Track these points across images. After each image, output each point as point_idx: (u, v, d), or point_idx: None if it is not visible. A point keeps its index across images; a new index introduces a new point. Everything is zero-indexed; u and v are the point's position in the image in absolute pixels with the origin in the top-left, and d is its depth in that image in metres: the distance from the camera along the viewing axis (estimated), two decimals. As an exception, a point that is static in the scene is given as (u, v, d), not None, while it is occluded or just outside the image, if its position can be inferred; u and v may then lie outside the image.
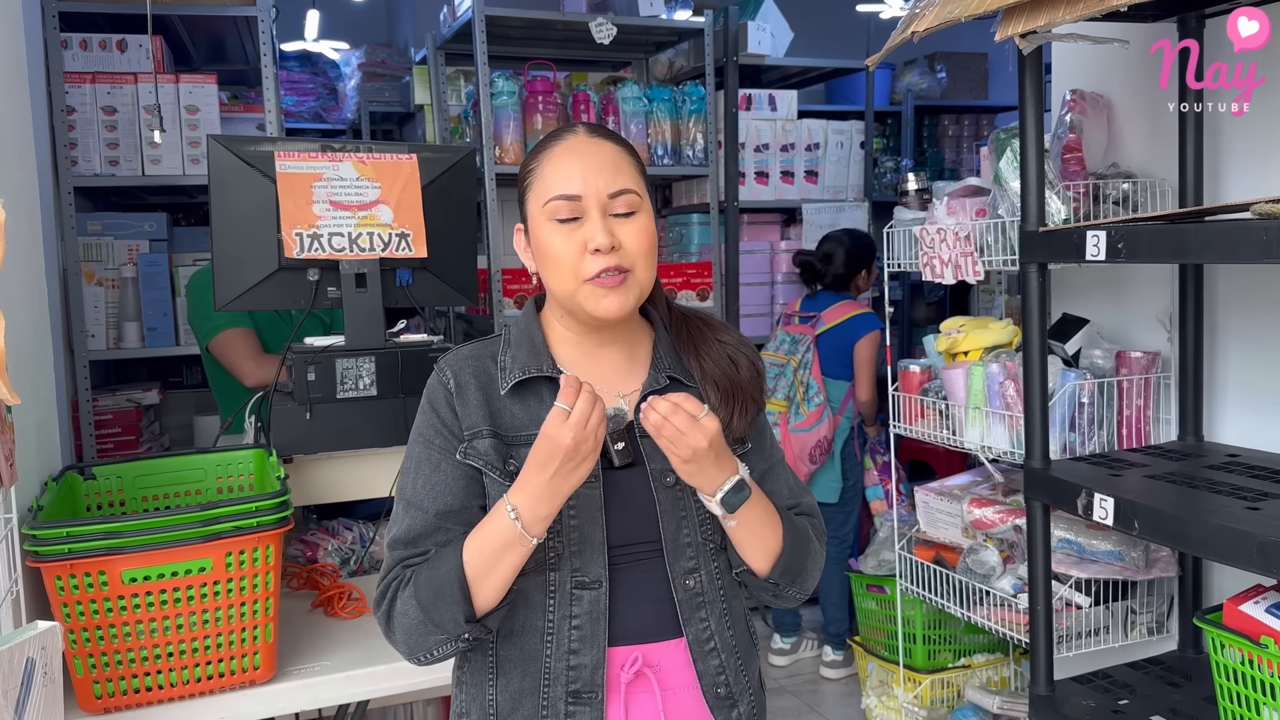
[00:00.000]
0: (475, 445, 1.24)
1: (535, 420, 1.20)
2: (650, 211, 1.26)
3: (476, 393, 1.26)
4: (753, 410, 1.32)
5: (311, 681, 1.63)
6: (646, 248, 1.23)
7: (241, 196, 2.01)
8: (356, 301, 2.06)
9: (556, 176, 1.23)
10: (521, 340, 1.29)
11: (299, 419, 2.00)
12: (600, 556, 1.22)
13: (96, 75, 3.03)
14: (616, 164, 1.24)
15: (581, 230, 1.21)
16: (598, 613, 1.22)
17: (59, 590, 1.44)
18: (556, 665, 1.22)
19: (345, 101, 5.96)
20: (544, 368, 1.27)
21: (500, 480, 1.22)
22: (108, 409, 3.14)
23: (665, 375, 1.30)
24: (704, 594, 1.27)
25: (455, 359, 1.30)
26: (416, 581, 1.20)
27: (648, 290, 1.26)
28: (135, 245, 3.19)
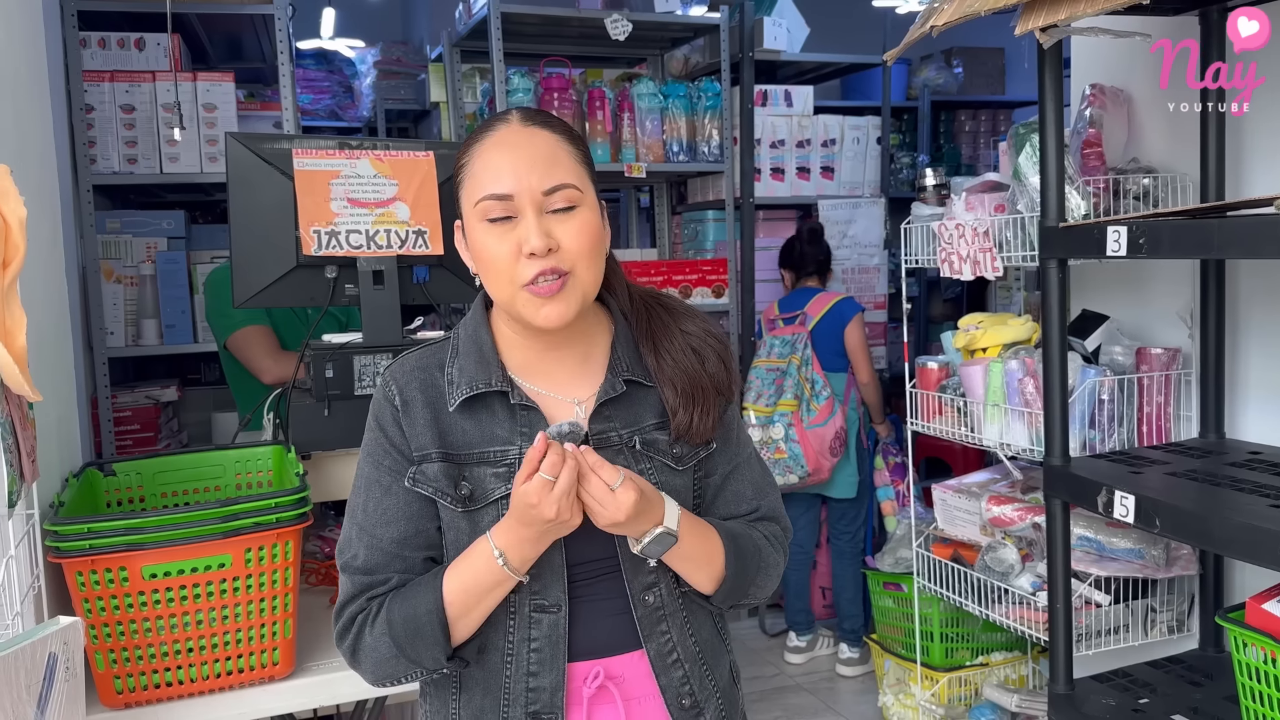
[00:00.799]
0: (424, 470, 1.18)
1: (487, 436, 1.18)
2: (594, 205, 1.17)
3: (424, 410, 1.19)
4: (718, 408, 1.24)
5: (330, 677, 1.64)
6: (588, 246, 1.14)
7: (260, 194, 2.01)
8: (374, 299, 2.06)
9: (486, 173, 1.14)
10: (470, 348, 1.22)
11: (317, 416, 2.00)
12: (560, 580, 1.18)
13: (115, 74, 3.04)
14: (553, 156, 1.14)
15: (516, 231, 1.12)
16: (556, 636, 1.19)
17: (80, 586, 1.45)
18: (516, 686, 1.19)
19: (361, 99, 5.97)
20: (493, 381, 1.19)
21: (453, 506, 1.17)
22: (126, 406, 3.16)
23: (623, 379, 1.21)
24: (664, 607, 1.23)
25: (401, 371, 1.23)
26: (389, 619, 1.16)
27: (593, 291, 1.17)
28: (153, 243, 3.21)
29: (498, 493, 1.17)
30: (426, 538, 1.20)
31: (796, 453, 3.54)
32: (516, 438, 1.18)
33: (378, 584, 1.19)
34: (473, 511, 1.17)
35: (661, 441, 1.22)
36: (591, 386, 1.22)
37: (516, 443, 1.18)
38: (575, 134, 1.21)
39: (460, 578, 1.15)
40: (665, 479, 1.21)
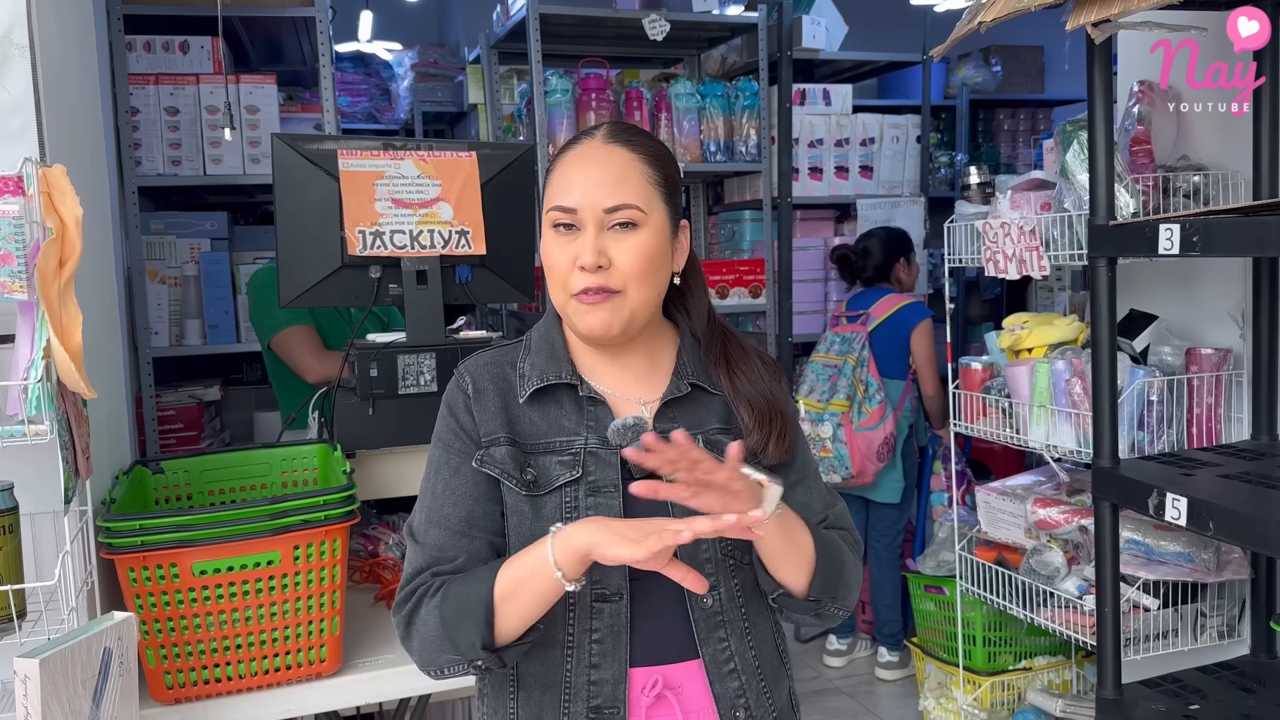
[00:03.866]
0: (492, 453, 1.21)
1: (554, 427, 1.21)
2: (658, 227, 1.20)
3: (495, 399, 1.23)
4: (789, 434, 1.26)
5: (376, 675, 1.65)
6: (640, 267, 1.17)
7: (305, 195, 2.03)
8: (417, 298, 2.07)
9: (559, 184, 1.20)
10: (542, 346, 1.26)
11: (362, 414, 2.02)
12: (620, 568, 1.17)
13: (159, 77, 3.08)
14: (622, 175, 1.18)
15: (576, 243, 1.17)
16: (619, 626, 1.19)
17: (131, 582, 1.46)
18: (577, 680, 1.19)
19: (398, 102, 6.01)
20: (563, 374, 1.23)
21: (516, 489, 1.20)
22: (170, 405, 3.20)
23: (688, 383, 1.25)
24: (723, 612, 1.22)
25: (474, 364, 1.28)
26: (445, 593, 1.17)
27: (644, 311, 1.20)
28: (197, 244, 3.24)
29: (561, 479, 1.20)
30: (491, 520, 1.22)
31: (843, 454, 3.51)
32: (583, 429, 1.21)
33: (444, 560, 1.21)
34: (536, 497, 1.20)
35: (724, 444, 1.17)
36: (656, 390, 1.25)
37: (582, 434, 1.21)
38: (660, 154, 1.23)
39: (514, 568, 1.15)
40: None
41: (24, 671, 1.11)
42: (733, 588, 1.23)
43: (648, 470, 1.15)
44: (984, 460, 3.99)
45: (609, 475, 1.19)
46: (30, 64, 1.40)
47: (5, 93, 1.40)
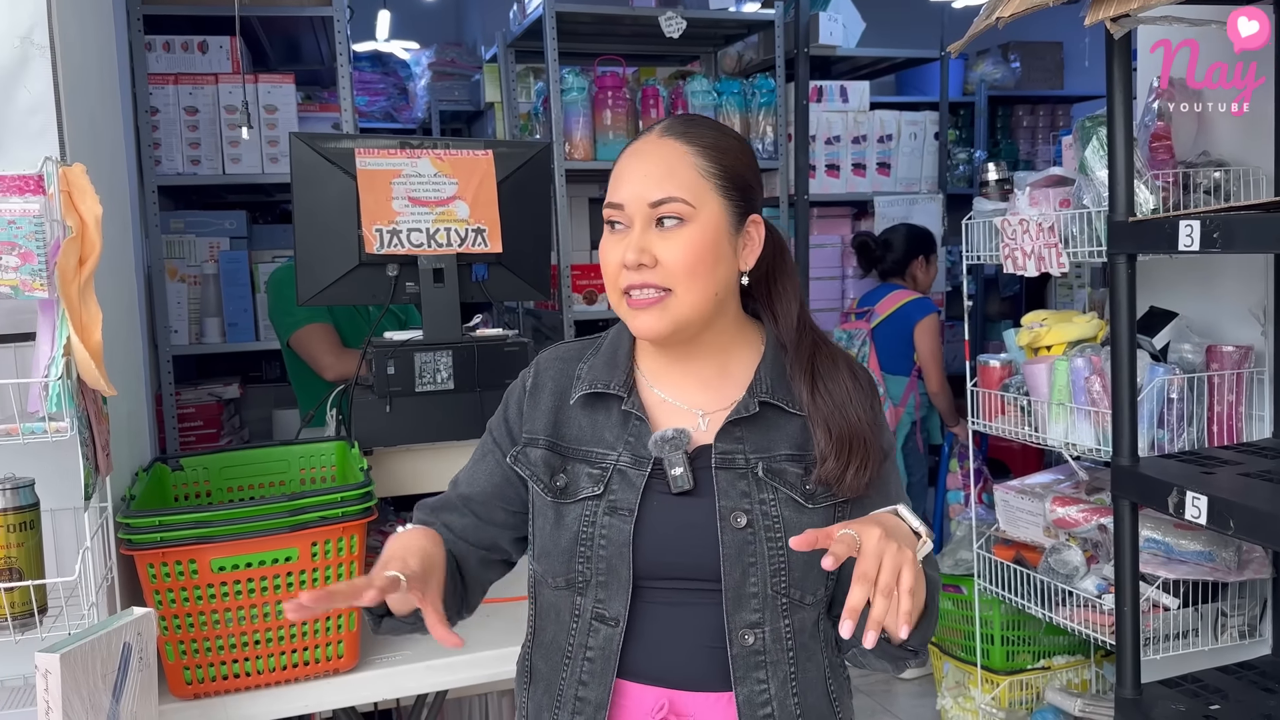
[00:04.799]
0: (528, 453, 1.21)
1: (596, 436, 1.19)
2: (710, 223, 1.13)
3: (550, 398, 1.22)
4: (875, 465, 1.16)
5: (393, 671, 1.65)
6: (688, 264, 1.11)
7: (323, 193, 2.04)
8: (434, 296, 2.08)
9: (613, 181, 1.17)
10: (608, 349, 1.24)
11: (379, 412, 2.02)
12: (623, 594, 1.14)
13: (179, 76, 3.10)
14: (670, 169, 1.12)
15: (624, 240, 1.13)
16: (610, 651, 1.16)
17: (151, 578, 1.47)
18: (568, 690, 1.18)
19: (416, 101, 6.03)
20: (612, 385, 1.20)
21: (544, 494, 1.19)
22: (190, 403, 3.22)
23: (759, 400, 1.17)
24: (765, 652, 1.14)
25: (547, 357, 1.27)
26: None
27: (696, 311, 1.14)
28: (216, 243, 3.26)
29: (586, 492, 1.17)
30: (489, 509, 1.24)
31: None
32: (620, 445, 1.18)
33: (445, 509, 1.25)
34: (561, 504, 1.18)
35: (791, 474, 1.16)
36: (723, 401, 1.19)
37: (618, 449, 1.18)
38: (721, 146, 1.16)
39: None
40: (789, 515, 1.14)
41: (45, 666, 1.12)
42: (782, 628, 1.15)
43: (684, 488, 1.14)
44: (1002, 458, 3.97)
45: (629, 499, 1.15)
46: (51, 64, 1.42)
47: (26, 92, 1.41)
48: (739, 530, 1.13)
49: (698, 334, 1.17)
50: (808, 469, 1.16)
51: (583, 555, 1.16)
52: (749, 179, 1.17)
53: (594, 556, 1.15)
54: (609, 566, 1.15)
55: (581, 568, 1.16)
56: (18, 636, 1.27)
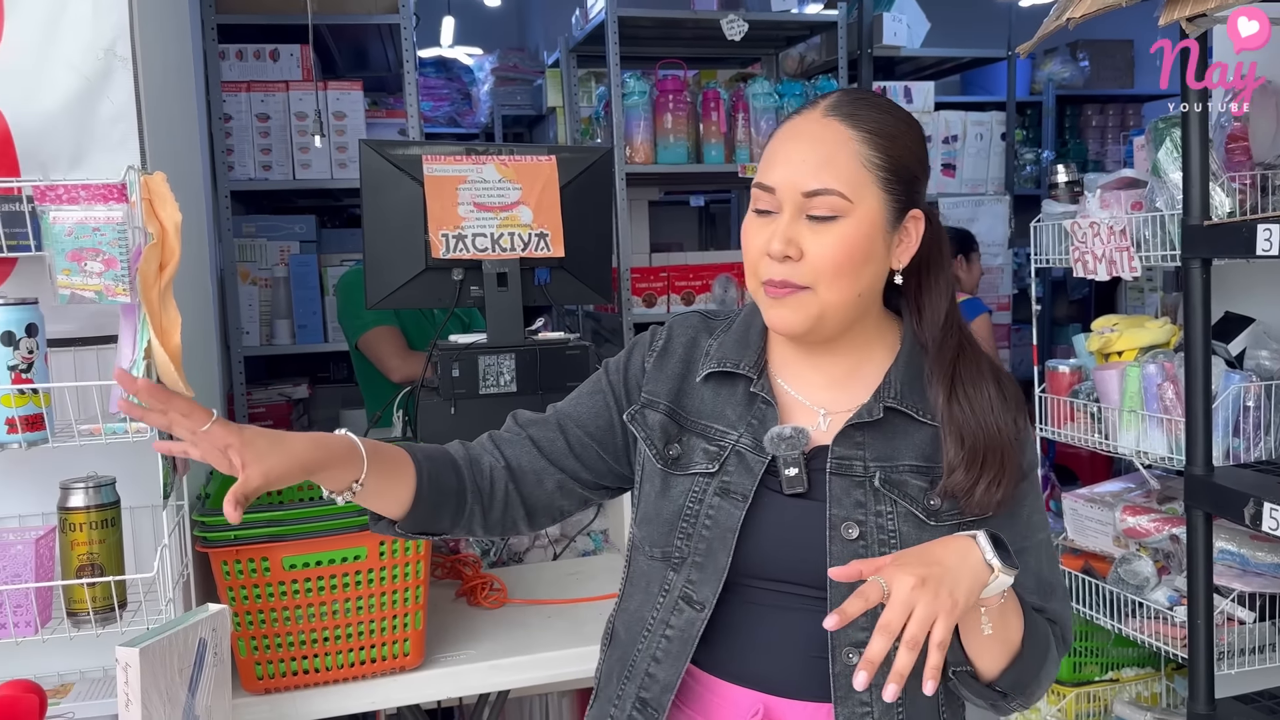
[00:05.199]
0: (646, 414, 1.17)
1: (717, 413, 1.14)
2: (868, 219, 1.05)
3: (678, 365, 1.18)
4: (1011, 483, 1.08)
5: (458, 669, 1.68)
6: (836, 263, 1.04)
7: (391, 199, 2.07)
8: (498, 300, 2.11)
9: (765, 160, 1.08)
10: (740, 327, 1.18)
11: (444, 413, 2.05)
12: (715, 581, 1.10)
13: (251, 84, 3.18)
14: (831, 156, 1.04)
15: (770, 227, 1.06)
16: (690, 635, 1.11)
17: (225, 575, 1.51)
18: (640, 663, 1.14)
19: (479, 106, 6.10)
20: (741, 365, 1.15)
21: (655, 460, 1.15)
22: (260, 402, 3.30)
23: (884, 406, 1.10)
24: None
25: (682, 323, 1.21)
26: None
27: (837, 311, 1.07)
28: (286, 246, 3.34)
29: (699, 468, 1.13)
30: (577, 439, 1.20)
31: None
32: (742, 425, 1.13)
33: (510, 432, 1.22)
34: (671, 474, 1.14)
35: (913, 486, 1.08)
36: (849, 402, 1.12)
37: (739, 430, 1.13)
38: (889, 133, 1.07)
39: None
40: (907, 530, 1.07)
41: (125, 660, 1.16)
42: (892, 653, 1.08)
43: (798, 489, 1.09)
44: (1069, 465, 3.89)
45: (744, 483, 1.10)
46: (132, 75, 1.47)
47: (109, 103, 1.46)
48: (850, 542, 1.07)
49: (835, 332, 1.11)
50: (933, 483, 1.08)
51: (684, 531, 1.12)
52: (915, 170, 1.09)
53: (695, 535, 1.11)
54: (709, 549, 1.10)
55: (680, 543, 1.12)
56: (99, 630, 1.31)
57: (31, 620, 1.29)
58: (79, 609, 1.31)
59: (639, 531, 1.18)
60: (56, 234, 1.21)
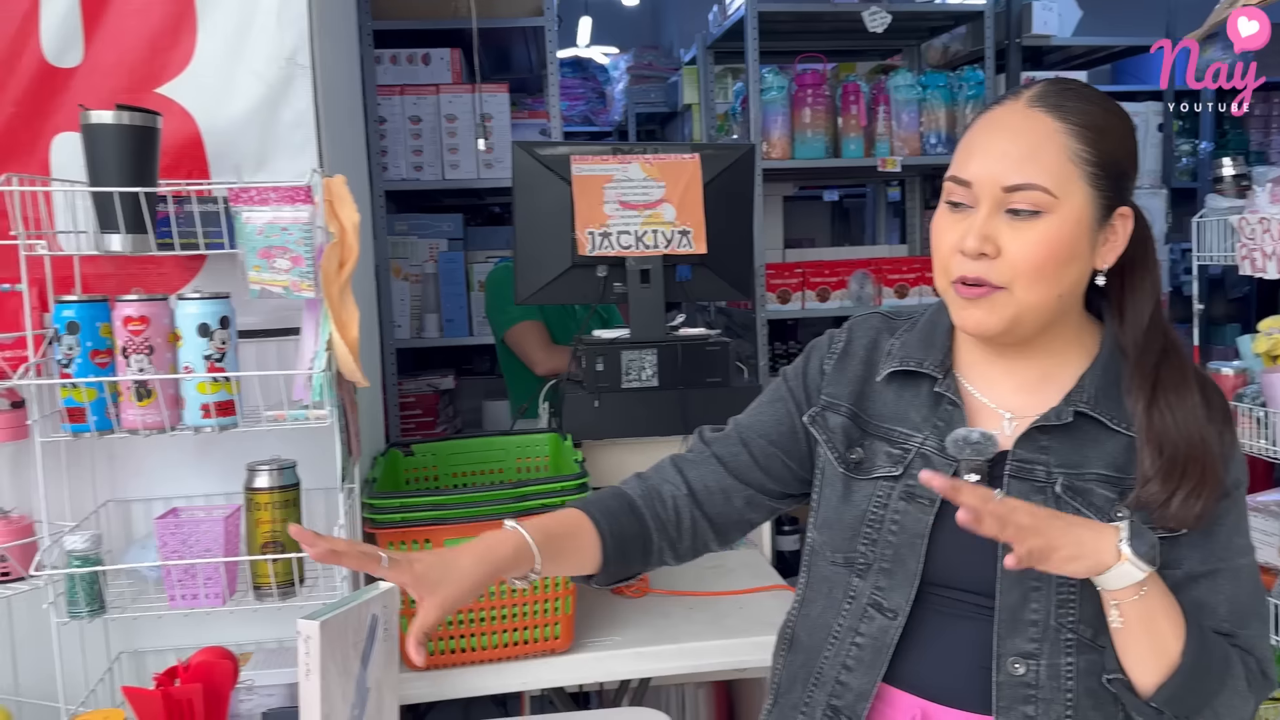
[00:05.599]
0: (827, 417, 1.16)
1: (900, 416, 1.12)
2: (1072, 215, 1.00)
3: (858, 366, 1.16)
4: (1212, 498, 1.01)
5: (605, 655, 1.72)
6: (1036, 263, 0.99)
7: (541, 198, 2.14)
8: (640, 296, 2.15)
9: (961, 152, 1.04)
10: (926, 327, 1.15)
11: (588, 406, 2.11)
12: (907, 589, 1.07)
13: (405, 88, 3.32)
14: (1035, 149, 0.99)
15: (964, 222, 1.02)
16: (883, 644, 1.09)
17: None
18: (829, 670, 1.12)
19: (613, 104, 6.19)
20: (925, 364, 1.12)
21: (836, 464, 1.14)
22: (410, 393, 3.44)
23: (1074, 410, 1.04)
24: (1038, 689, 1.02)
25: (861, 323, 1.20)
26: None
27: (1034, 314, 1.02)
28: (435, 244, 3.47)
29: (883, 471, 1.11)
30: (763, 453, 1.20)
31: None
32: (927, 428, 1.10)
33: (688, 460, 1.23)
34: (853, 478, 1.13)
35: (1099, 496, 1.03)
36: (1039, 407, 1.06)
37: (924, 432, 1.10)
38: (1100, 125, 1.02)
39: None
40: None
41: (306, 632, 1.23)
42: (1062, 665, 1.02)
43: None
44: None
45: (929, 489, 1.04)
46: (311, 82, 1.56)
47: (290, 110, 1.56)
48: None
49: (1031, 335, 1.06)
50: (1122, 495, 1.02)
51: (868, 537, 1.10)
52: (1125, 165, 1.03)
53: (881, 540, 1.09)
54: (896, 555, 1.08)
55: (865, 549, 1.10)
56: (280, 604, 1.40)
57: (220, 592, 1.39)
58: (262, 583, 1.41)
59: (819, 536, 1.17)
60: (249, 233, 1.31)
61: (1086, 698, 1.02)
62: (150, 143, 1.35)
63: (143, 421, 1.31)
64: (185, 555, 1.36)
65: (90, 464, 1.56)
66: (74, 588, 1.34)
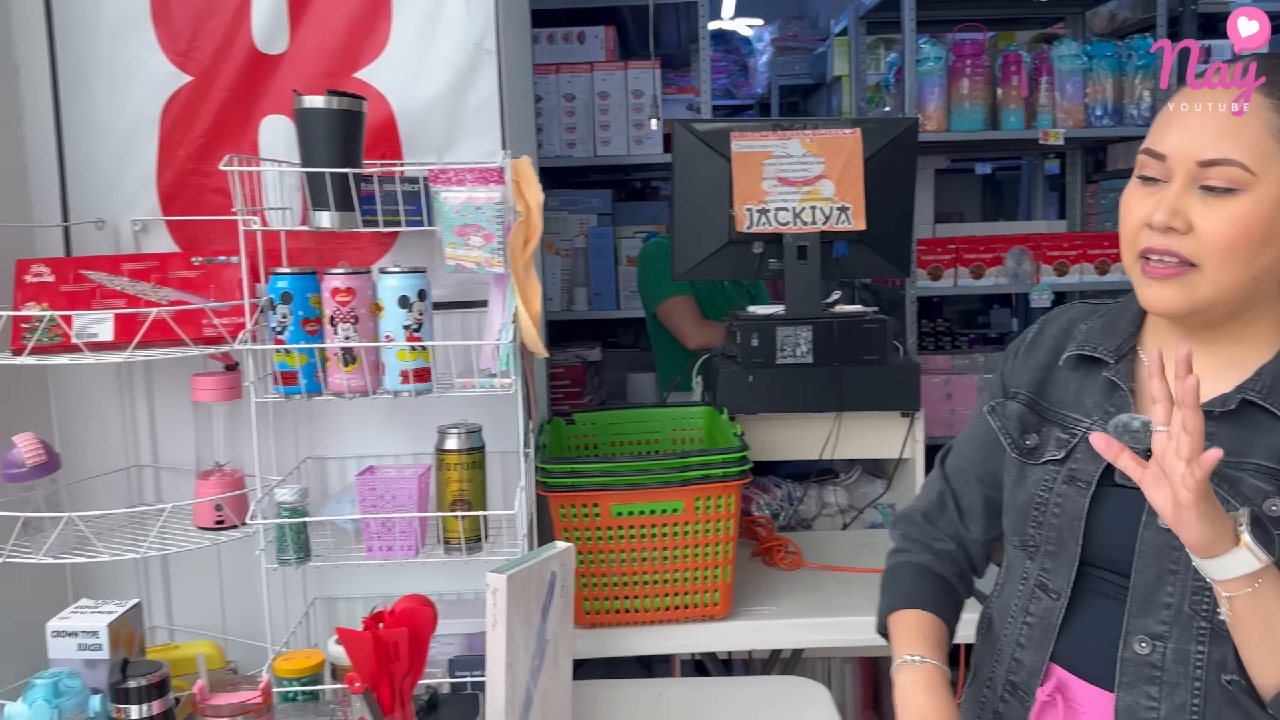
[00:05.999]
0: (1006, 406, 1.18)
1: (1077, 401, 1.13)
2: (1267, 196, 0.96)
3: (1045, 355, 1.18)
4: None
5: (761, 624, 1.77)
6: (1229, 242, 0.97)
7: (699, 175, 2.18)
8: (797, 273, 2.16)
9: (1157, 126, 1.03)
10: (1117, 312, 1.14)
11: (742, 381, 2.14)
12: (1068, 569, 1.09)
13: (560, 66, 3.40)
14: (1235, 124, 0.97)
15: (1155, 197, 1.00)
16: (1048, 624, 1.12)
17: (561, 517, 1.68)
18: (1007, 648, 1.16)
19: (756, 77, 6.15)
20: (1101, 350, 1.11)
21: (1010, 449, 1.16)
22: (559, 364, 3.55)
23: (1243, 397, 1.02)
24: (1163, 670, 1.02)
25: (1061, 311, 1.21)
26: (890, 559, 1.32)
27: (1225, 295, 1.00)
28: (585, 219, 3.56)
29: (1050, 455, 1.13)
30: (990, 470, 1.23)
31: None
32: (1098, 413, 1.10)
33: (915, 527, 1.32)
34: (1025, 464, 1.15)
35: (1249, 486, 1.00)
36: (1216, 393, 1.04)
37: (1094, 418, 1.10)
38: None
39: (899, 620, 1.24)
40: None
41: (495, 584, 1.32)
42: (1192, 651, 1.01)
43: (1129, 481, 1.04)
44: None
45: (1089, 470, 1.08)
46: (496, 67, 1.64)
47: (476, 93, 1.64)
48: (1163, 531, 1.00)
49: (1219, 318, 1.03)
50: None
51: (1035, 520, 1.13)
52: None
53: (1046, 524, 1.11)
54: (1059, 537, 1.10)
55: (1033, 532, 1.13)
56: (467, 558, 1.50)
57: (413, 544, 1.50)
58: (451, 538, 1.51)
59: (1004, 521, 1.21)
60: (446, 211, 1.39)
61: (1214, 688, 1.00)
62: (356, 125, 1.44)
63: (347, 385, 1.42)
64: (382, 510, 1.47)
65: (292, 424, 1.69)
66: (284, 537, 1.47)
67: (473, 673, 1.47)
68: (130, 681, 1.16)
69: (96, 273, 1.46)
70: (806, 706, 1.56)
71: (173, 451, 1.69)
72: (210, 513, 1.49)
